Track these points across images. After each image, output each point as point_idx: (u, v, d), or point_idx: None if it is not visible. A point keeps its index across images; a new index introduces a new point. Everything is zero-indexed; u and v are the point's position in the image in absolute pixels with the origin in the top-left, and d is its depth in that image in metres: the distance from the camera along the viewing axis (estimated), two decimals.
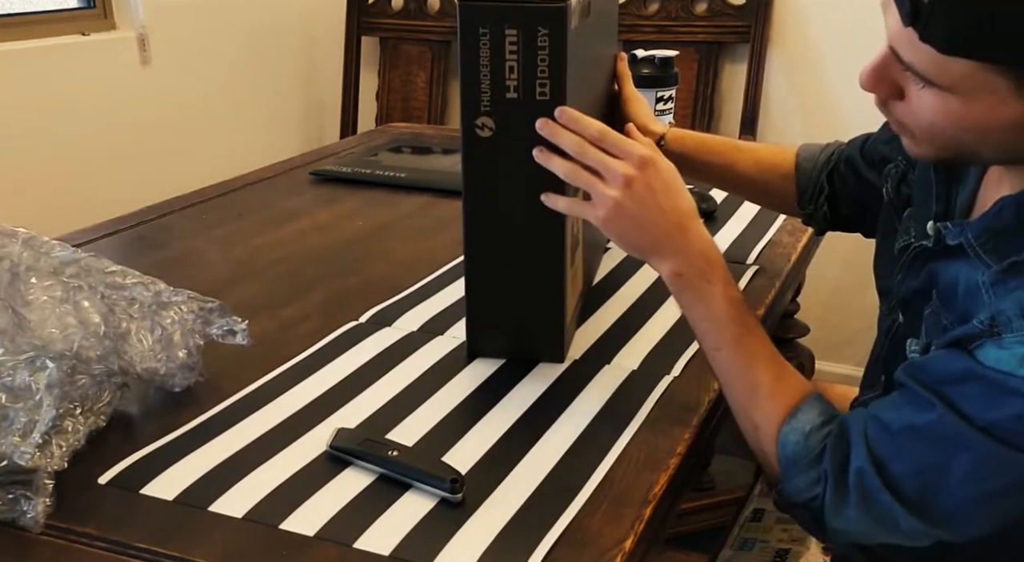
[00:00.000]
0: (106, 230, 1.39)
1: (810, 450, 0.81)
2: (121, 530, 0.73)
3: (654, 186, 0.86)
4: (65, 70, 2.13)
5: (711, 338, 0.87)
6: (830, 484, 0.78)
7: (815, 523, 0.81)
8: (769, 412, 0.84)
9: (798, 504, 0.81)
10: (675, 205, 0.86)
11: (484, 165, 0.91)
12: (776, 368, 0.86)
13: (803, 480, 0.80)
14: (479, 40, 0.86)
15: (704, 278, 0.86)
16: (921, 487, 0.74)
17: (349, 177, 1.64)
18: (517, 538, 0.72)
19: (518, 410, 0.90)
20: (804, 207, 1.18)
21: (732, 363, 0.86)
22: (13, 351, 0.80)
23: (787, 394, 0.84)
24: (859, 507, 0.77)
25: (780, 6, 2.44)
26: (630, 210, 0.86)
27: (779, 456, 0.82)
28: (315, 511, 0.75)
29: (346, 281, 1.22)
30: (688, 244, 0.87)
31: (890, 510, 0.75)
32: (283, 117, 2.82)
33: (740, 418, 0.87)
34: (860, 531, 0.78)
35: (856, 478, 0.77)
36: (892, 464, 0.75)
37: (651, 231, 0.86)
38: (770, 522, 1.24)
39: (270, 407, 0.90)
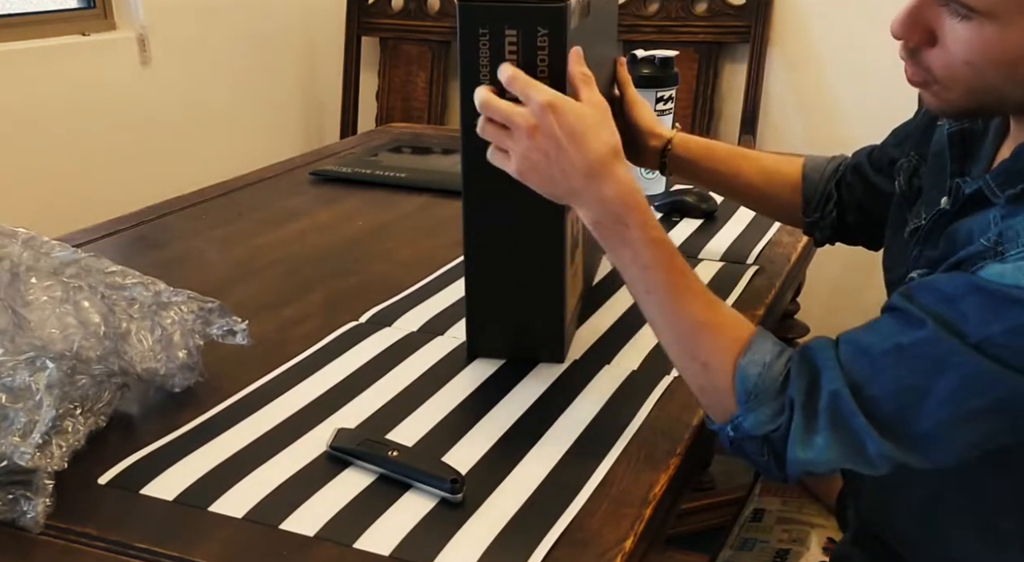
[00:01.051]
0: (106, 230, 1.39)
1: (773, 380, 0.78)
2: (121, 530, 0.73)
3: (556, 134, 0.82)
4: (65, 70, 2.13)
5: (640, 283, 0.84)
6: (797, 411, 0.76)
7: (773, 456, 0.79)
8: (719, 346, 0.81)
9: (756, 437, 0.79)
10: (584, 152, 0.82)
11: (484, 165, 0.91)
12: (713, 304, 0.84)
13: (766, 411, 0.78)
14: (479, 40, 0.86)
15: (622, 222, 0.83)
16: (899, 408, 0.73)
17: (349, 177, 1.64)
18: (517, 538, 0.72)
19: (518, 410, 0.90)
20: (809, 215, 1.18)
21: (666, 304, 0.83)
22: (13, 351, 0.80)
23: (733, 327, 0.82)
24: (828, 432, 0.75)
25: (780, 6, 2.44)
26: (536, 161, 0.83)
27: (737, 390, 0.79)
28: (315, 511, 0.75)
29: (346, 281, 1.22)
30: (599, 190, 0.83)
31: (860, 433, 0.74)
32: (283, 117, 2.82)
33: (683, 359, 0.84)
34: (825, 460, 0.76)
35: (829, 401, 0.75)
36: (870, 386, 0.74)
37: (561, 181, 0.83)
38: (770, 522, 1.24)
39: (270, 407, 0.90)
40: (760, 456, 0.80)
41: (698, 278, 0.85)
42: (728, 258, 1.28)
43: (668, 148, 1.17)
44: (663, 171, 1.20)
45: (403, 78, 2.83)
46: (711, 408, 0.83)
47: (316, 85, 2.91)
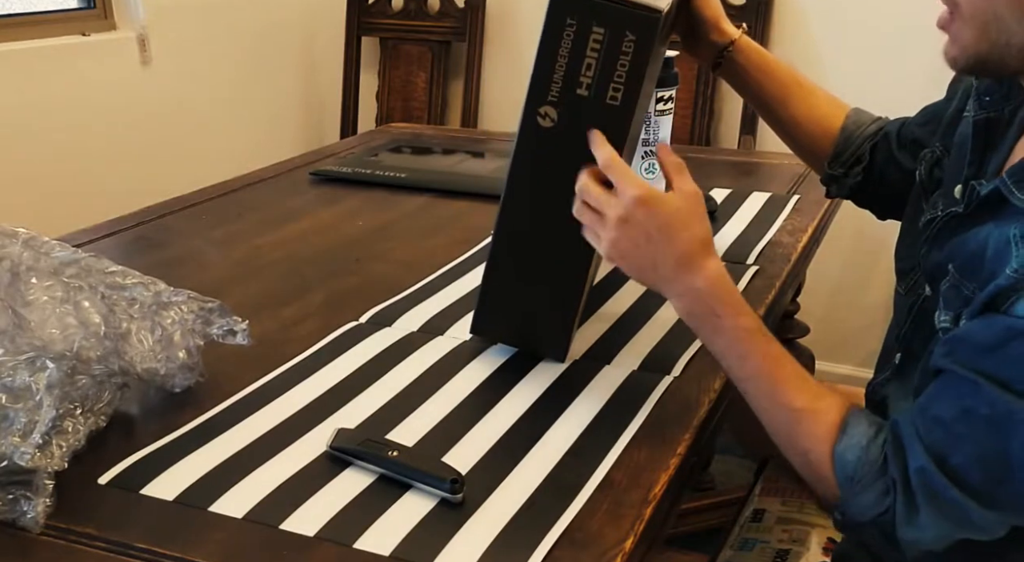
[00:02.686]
0: (106, 230, 1.39)
1: (871, 464, 0.79)
2: (121, 530, 0.73)
3: (646, 227, 0.84)
4: (65, 70, 2.13)
5: (736, 371, 0.86)
6: (899, 492, 0.77)
7: (884, 539, 0.79)
8: (816, 435, 0.82)
9: (865, 523, 0.79)
10: (674, 246, 0.84)
11: (536, 154, 0.90)
12: (808, 388, 0.84)
13: (870, 495, 0.78)
14: (564, 30, 0.84)
15: (714, 314, 0.85)
16: (986, 476, 0.73)
17: (349, 177, 1.64)
18: (517, 538, 0.72)
19: (518, 410, 0.90)
20: (833, 168, 1.17)
21: (762, 393, 0.85)
22: (13, 351, 0.80)
23: (829, 412, 0.82)
24: (929, 509, 0.75)
25: (780, 6, 2.44)
26: (626, 251, 0.85)
27: (839, 476, 0.80)
28: (315, 511, 0.75)
29: (346, 281, 1.22)
30: (690, 283, 0.85)
31: (960, 505, 0.74)
32: (283, 117, 2.82)
33: (784, 447, 0.85)
34: (936, 535, 0.77)
35: (919, 479, 0.76)
36: (952, 457, 0.74)
37: (651, 271, 0.86)
38: (770, 522, 1.24)
39: (270, 407, 0.90)
40: (870, 538, 0.81)
41: (794, 362, 0.86)
42: (728, 258, 1.28)
43: (729, 48, 1.15)
44: (714, 69, 1.18)
45: (403, 78, 2.83)
46: (819, 493, 0.85)
47: (316, 85, 2.91)
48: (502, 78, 2.75)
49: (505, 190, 0.93)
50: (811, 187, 1.50)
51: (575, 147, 0.87)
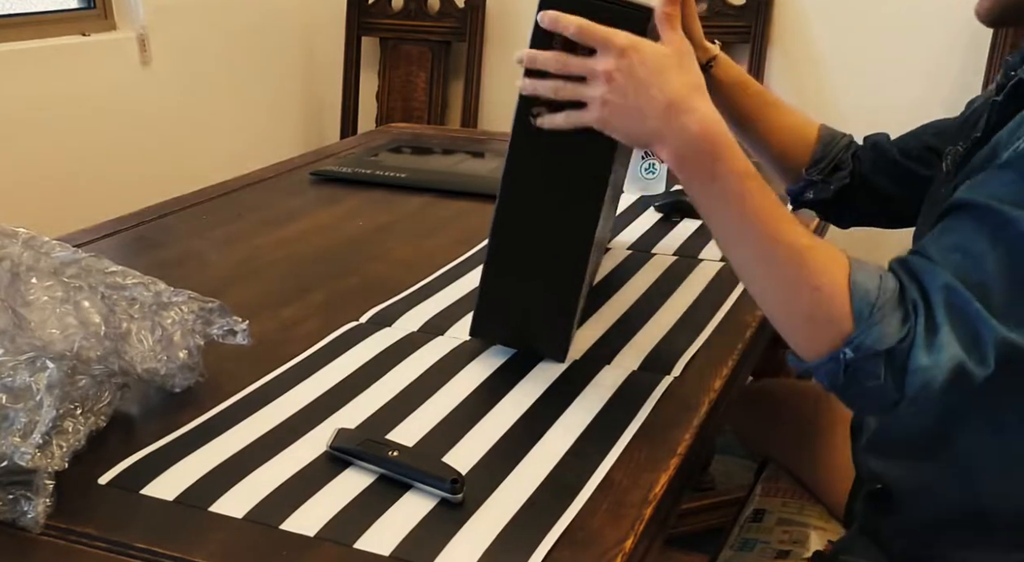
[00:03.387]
0: (106, 230, 1.39)
1: (892, 289, 0.76)
2: (121, 530, 0.73)
3: (638, 73, 0.81)
4: (65, 70, 2.13)
5: (734, 215, 0.81)
6: (921, 314, 0.75)
7: (892, 374, 0.75)
8: (828, 267, 0.78)
9: (878, 354, 0.75)
10: (666, 87, 0.81)
11: (530, 154, 0.90)
12: (808, 229, 0.81)
13: (892, 321, 0.75)
14: (553, 36, 0.85)
15: (710, 155, 0.81)
16: (1009, 288, 0.74)
17: (349, 177, 1.64)
18: (517, 538, 0.72)
19: (518, 410, 0.90)
20: (810, 174, 1.21)
21: (766, 232, 0.80)
22: (13, 351, 0.80)
23: (832, 248, 0.79)
24: (948, 326, 0.75)
25: (780, 6, 2.44)
26: (619, 104, 0.82)
27: (857, 306, 0.76)
28: (315, 511, 0.75)
29: (346, 281, 1.22)
30: (684, 125, 0.81)
31: (976, 320, 0.74)
32: (283, 117, 2.82)
33: (787, 290, 0.79)
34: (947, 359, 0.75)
35: (942, 295, 0.75)
36: (974, 274, 0.75)
37: (645, 120, 0.82)
38: (771, 523, 1.24)
39: (270, 407, 0.90)
40: (876, 379, 0.76)
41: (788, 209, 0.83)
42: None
43: (710, 65, 1.18)
44: None
45: (403, 78, 2.83)
46: (816, 338, 0.78)
47: (316, 85, 2.91)
48: (502, 78, 2.75)
49: (500, 190, 0.93)
50: None
51: (569, 146, 0.88)
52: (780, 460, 1.36)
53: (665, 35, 0.84)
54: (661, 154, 0.83)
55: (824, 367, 0.78)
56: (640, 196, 1.54)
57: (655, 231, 1.39)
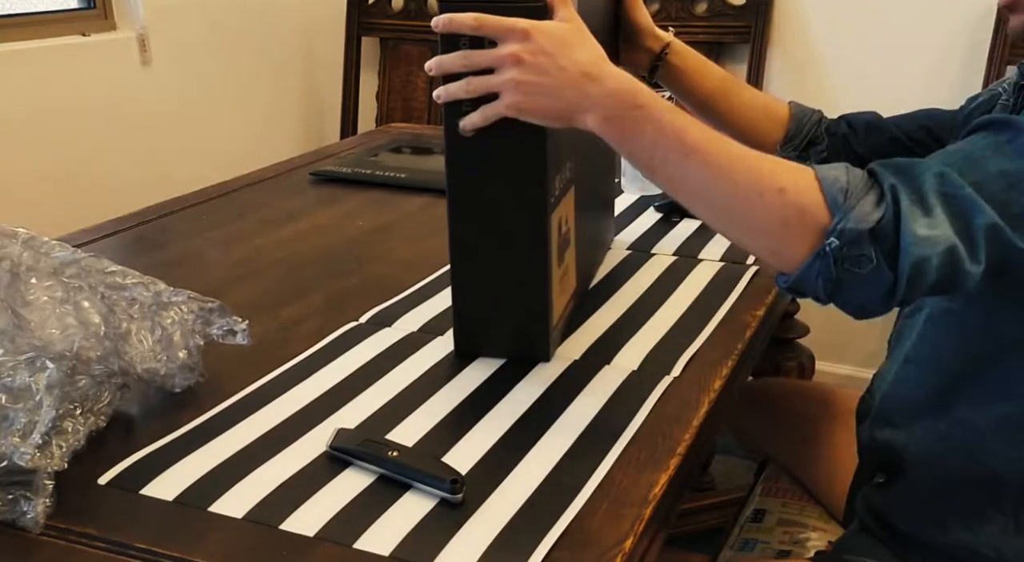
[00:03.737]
0: (106, 230, 1.39)
1: (860, 177, 0.77)
2: (121, 530, 0.73)
3: (546, 49, 0.82)
4: (65, 70, 2.13)
5: (675, 152, 0.80)
6: (903, 194, 0.74)
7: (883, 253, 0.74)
8: (789, 168, 0.79)
9: (863, 234, 0.74)
10: (575, 58, 0.82)
11: (467, 162, 0.91)
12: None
13: (867, 203, 0.75)
14: (459, 39, 0.86)
15: (635, 106, 0.81)
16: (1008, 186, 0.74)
17: (349, 177, 1.64)
18: (517, 538, 0.72)
19: (518, 410, 0.90)
20: (784, 150, 1.21)
21: (715, 155, 0.80)
22: (13, 351, 0.80)
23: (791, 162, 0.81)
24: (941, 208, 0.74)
25: (780, 6, 2.44)
26: (531, 84, 0.82)
27: (828, 194, 0.75)
28: (315, 511, 0.75)
29: (346, 281, 1.22)
30: (601, 87, 0.82)
31: (969, 203, 0.74)
32: (283, 117, 2.82)
33: (751, 201, 0.78)
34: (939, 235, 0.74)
35: (936, 181, 0.75)
36: (972, 173, 0.75)
37: (560, 94, 0.82)
38: (771, 523, 1.24)
39: (270, 407, 0.90)
40: (870, 261, 0.75)
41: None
42: (728, 258, 1.28)
43: (664, 53, 1.18)
44: (652, 74, 1.21)
45: (403, 78, 2.83)
46: (795, 240, 0.77)
47: (316, 85, 2.91)
48: None
49: (448, 207, 0.94)
50: None
51: (498, 147, 0.89)
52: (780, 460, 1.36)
53: (559, 13, 0.85)
54: (586, 123, 0.83)
55: (813, 269, 0.76)
56: (640, 196, 1.54)
57: (655, 231, 1.39)
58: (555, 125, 0.85)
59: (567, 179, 1.00)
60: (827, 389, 1.40)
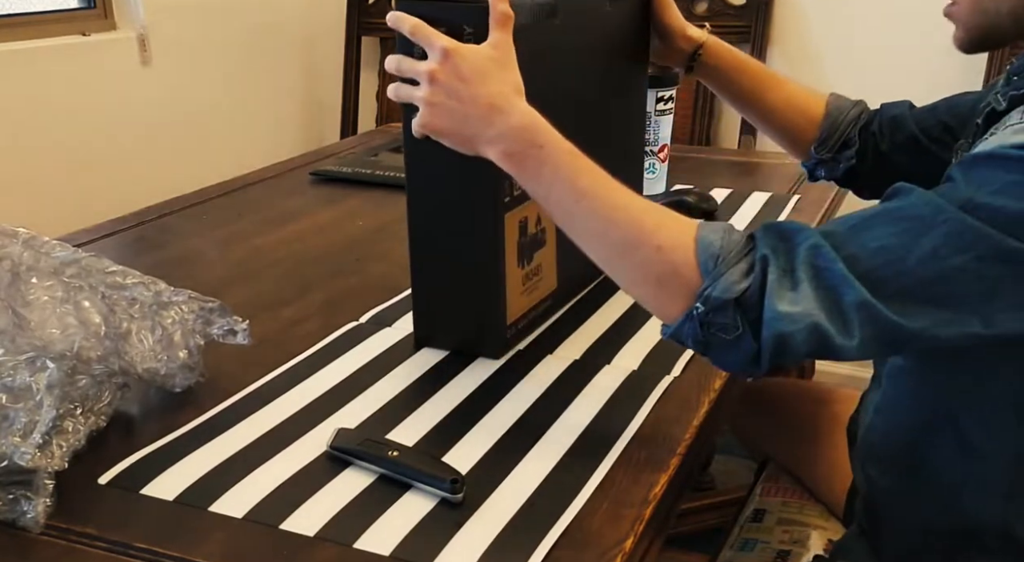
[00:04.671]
0: (106, 230, 1.39)
1: (736, 243, 0.77)
2: (121, 530, 0.73)
3: (461, 72, 0.82)
4: (65, 70, 2.13)
5: (567, 196, 0.81)
6: (772, 265, 0.74)
7: (748, 323, 0.75)
8: (671, 225, 0.79)
9: (727, 304, 0.75)
10: (486, 89, 0.82)
11: (423, 157, 0.93)
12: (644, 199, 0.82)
13: (735, 272, 0.75)
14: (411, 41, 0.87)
15: (535, 145, 0.82)
16: (879, 264, 0.73)
17: (349, 177, 1.64)
18: (517, 538, 0.72)
19: (518, 410, 0.90)
20: (820, 152, 1.20)
21: (603, 202, 0.81)
22: (13, 351, 0.80)
23: (677, 214, 0.80)
24: (808, 283, 0.73)
25: (780, 6, 2.44)
26: (441, 104, 0.83)
27: (701, 259, 0.76)
28: (315, 511, 0.75)
29: (346, 281, 1.22)
30: (505, 121, 0.82)
31: (838, 280, 0.73)
32: (283, 117, 2.82)
33: (631, 253, 0.80)
34: (800, 312, 0.73)
35: (807, 254, 0.74)
36: (849, 245, 0.74)
37: (467, 121, 0.83)
38: (771, 523, 1.24)
39: (270, 407, 0.90)
40: (734, 328, 0.75)
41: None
42: None
43: (699, 52, 1.18)
44: (688, 73, 1.21)
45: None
46: (669, 298, 0.78)
47: (316, 85, 2.90)
48: None
49: (408, 203, 0.96)
50: (811, 187, 1.50)
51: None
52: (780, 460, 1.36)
53: (493, 35, 0.85)
54: (488, 154, 0.84)
55: (684, 328, 0.78)
56: None
57: None
58: (461, 150, 0.85)
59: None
60: (827, 389, 1.40)
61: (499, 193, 0.94)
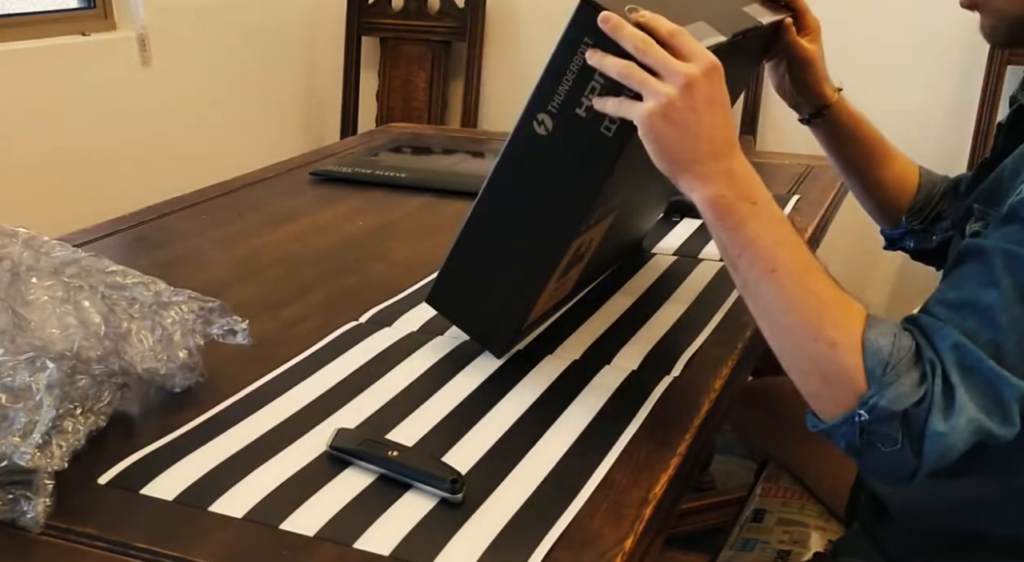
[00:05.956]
0: (106, 230, 1.39)
1: (907, 349, 0.73)
2: (121, 530, 0.73)
3: (714, 96, 0.78)
4: (65, 70, 2.13)
5: (764, 262, 0.78)
6: (937, 377, 0.72)
7: (909, 439, 0.72)
8: (847, 323, 0.75)
9: (894, 416, 0.72)
10: (727, 123, 0.79)
11: (523, 158, 0.90)
12: (835, 282, 0.79)
13: (907, 381, 0.72)
14: (580, 46, 0.82)
15: (750, 199, 0.79)
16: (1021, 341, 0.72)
17: (349, 177, 1.64)
18: (517, 538, 0.72)
19: (518, 410, 0.90)
20: (911, 222, 1.20)
21: (794, 282, 0.77)
22: (13, 351, 0.80)
23: (855, 304, 0.77)
24: (963, 387, 0.71)
25: None
26: (680, 115, 0.77)
27: (870, 365, 0.73)
28: (315, 511, 0.75)
29: (346, 281, 1.22)
30: (731, 163, 0.79)
31: (992, 377, 0.71)
32: (283, 117, 2.82)
33: (805, 344, 0.76)
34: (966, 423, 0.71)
35: (954, 355, 0.72)
36: (985, 332, 0.72)
37: (697, 143, 0.78)
38: (771, 523, 1.24)
39: (270, 407, 0.90)
40: (894, 444, 0.73)
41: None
42: None
43: (825, 111, 1.17)
44: (805, 123, 1.21)
45: (403, 78, 2.83)
46: (832, 397, 0.76)
47: (316, 85, 2.91)
48: (502, 78, 2.75)
49: (488, 180, 0.93)
50: (811, 187, 1.50)
51: (561, 161, 0.87)
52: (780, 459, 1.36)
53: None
54: (693, 187, 0.80)
55: (840, 430, 0.75)
56: None
57: (655, 231, 1.39)
58: (660, 165, 0.81)
59: (610, 208, 1.00)
60: None
61: (581, 226, 0.92)
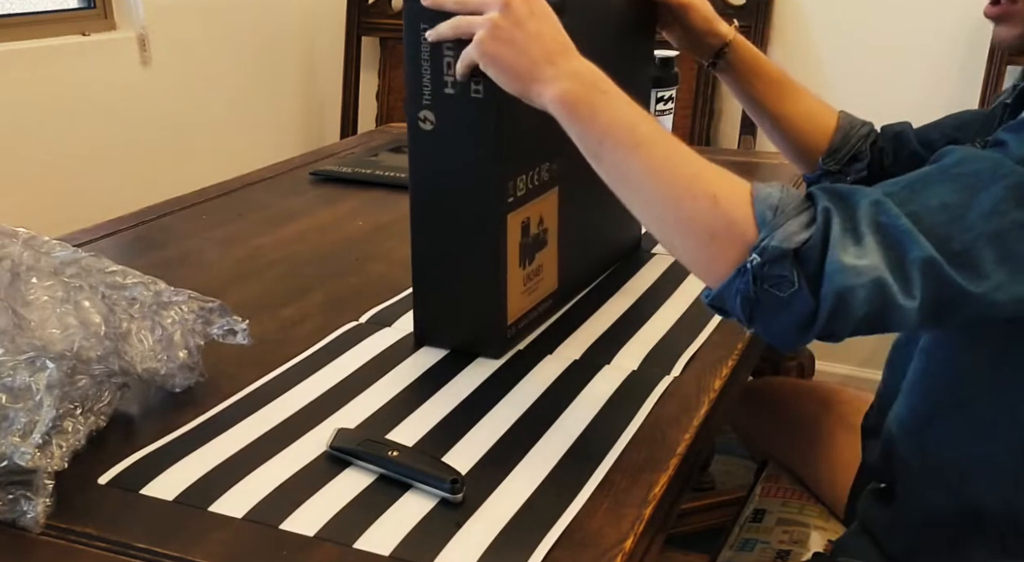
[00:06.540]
0: (106, 230, 1.39)
1: (795, 197, 0.74)
2: (121, 530, 0.73)
3: (533, 8, 0.82)
4: (65, 70, 2.13)
5: (626, 141, 0.79)
6: (835, 217, 0.71)
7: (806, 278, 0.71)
8: (728, 178, 0.76)
9: (786, 255, 0.71)
10: (553, 29, 0.82)
11: (427, 157, 0.94)
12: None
13: (795, 223, 0.72)
14: (420, 37, 0.89)
15: (597, 89, 0.80)
16: (941, 222, 0.71)
17: (349, 177, 1.64)
18: (517, 538, 0.72)
19: (518, 410, 0.90)
20: (827, 163, 1.20)
21: (661, 149, 0.78)
22: (13, 351, 0.80)
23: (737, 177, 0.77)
24: (872, 236, 0.71)
25: (780, 6, 2.44)
26: (507, 32, 0.81)
27: (758, 210, 0.73)
28: (315, 511, 0.75)
29: (346, 281, 1.22)
30: (569, 63, 0.81)
31: (903, 235, 0.71)
32: (283, 117, 2.82)
33: (685, 203, 0.76)
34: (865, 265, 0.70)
35: (870, 209, 0.72)
36: (909, 204, 0.72)
37: (530, 53, 0.81)
38: (771, 523, 1.24)
39: (270, 407, 0.90)
40: (791, 285, 0.71)
41: None
42: None
43: (726, 49, 1.18)
44: (711, 68, 1.21)
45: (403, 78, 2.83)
46: (720, 252, 0.74)
47: (316, 85, 2.91)
48: None
49: (411, 192, 0.97)
50: None
51: (456, 143, 0.92)
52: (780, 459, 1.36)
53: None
54: (542, 94, 0.81)
55: (733, 285, 0.73)
56: None
57: None
58: (509, 89, 0.83)
59: (544, 180, 1.01)
60: (827, 389, 1.40)
61: (503, 193, 0.94)
